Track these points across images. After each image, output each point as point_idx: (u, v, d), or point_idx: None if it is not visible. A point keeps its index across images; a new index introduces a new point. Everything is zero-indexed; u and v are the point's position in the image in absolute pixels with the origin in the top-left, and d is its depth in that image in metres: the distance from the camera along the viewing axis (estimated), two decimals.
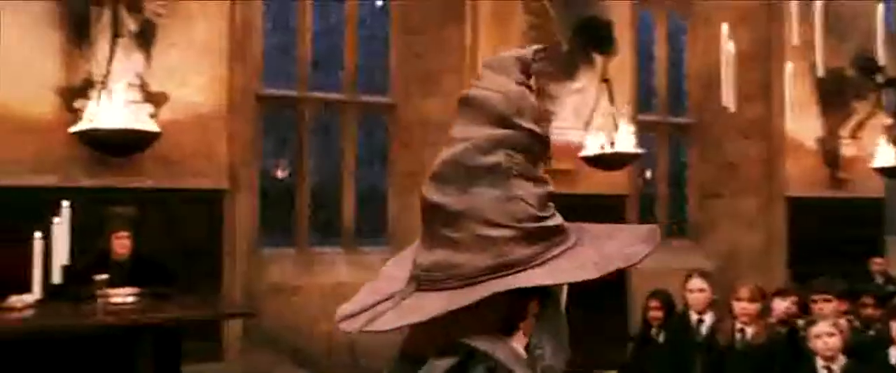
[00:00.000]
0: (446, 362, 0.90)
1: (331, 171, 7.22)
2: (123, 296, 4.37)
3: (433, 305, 0.92)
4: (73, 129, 4.94)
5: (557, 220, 0.99)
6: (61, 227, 4.11)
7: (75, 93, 5.21)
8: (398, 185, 7.16)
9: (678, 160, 8.89)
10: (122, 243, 4.55)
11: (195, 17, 5.77)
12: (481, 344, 0.90)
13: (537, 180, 0.97)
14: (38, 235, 4.03)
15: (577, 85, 7.00)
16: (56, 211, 4.18)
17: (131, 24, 5.30)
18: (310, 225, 7.00)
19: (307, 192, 6.97)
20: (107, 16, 5.20)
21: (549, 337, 0.95)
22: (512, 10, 7.05)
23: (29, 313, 4.11)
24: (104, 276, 4.21)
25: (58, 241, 4.05)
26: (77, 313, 4.15)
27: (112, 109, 4.84)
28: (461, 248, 0.93)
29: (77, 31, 5.27)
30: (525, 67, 1.02)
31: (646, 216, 8.18)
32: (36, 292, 4.04)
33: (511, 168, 0.95)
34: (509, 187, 0.95)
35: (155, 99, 5.50)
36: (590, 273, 0.95)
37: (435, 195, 0.95)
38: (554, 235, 0.97)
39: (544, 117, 1.03)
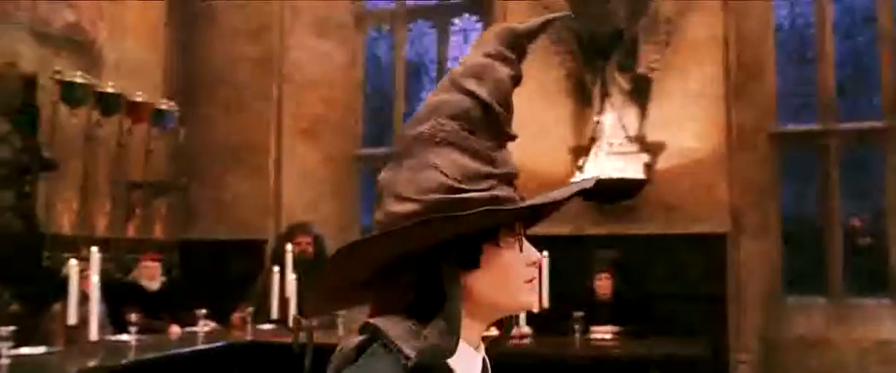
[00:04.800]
0: (356, 340, 0.93)
1: (872, 210, 6.31)
2: (603, 333, 4.74)
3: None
4: (571, 181, 5.60)
5: (484, 193, 0.88)
6: (543, 265, 4.75)
7: (581, 151, 5.90)
8: None
9: None
10: (603, 284, 4.94)
11: (689, 67, 5.91)
12: (381, 323, 0.91)
13: (473, 152, 0.90)
14: None
15: None
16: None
17: (624, 83, 5.76)
18: (845, 273, 6.21)
19: (839, 235, 6.22)
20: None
21: (445, 317, 0.87)
22: None
23: (526, 341, 4.82)
24: (580, 313, 4.65)
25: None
26: (563, 345, 4.67)
27: (602, 162, 5.34)
28: (378, 227, 0.92)
29: (582, 97, 5.99)
30: (507, 41, 0.98)
31: None
32: (523, 324, 4.73)
33: (434, 136, 0.90)
34: (427, 156, 0.89)
35: (652, 148, 5.82)
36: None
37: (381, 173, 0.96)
38: (472, 208, 0.86)
39: (504, 89, 0.95)
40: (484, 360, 0.97)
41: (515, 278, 0.93)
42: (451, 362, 0.88)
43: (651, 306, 5.03)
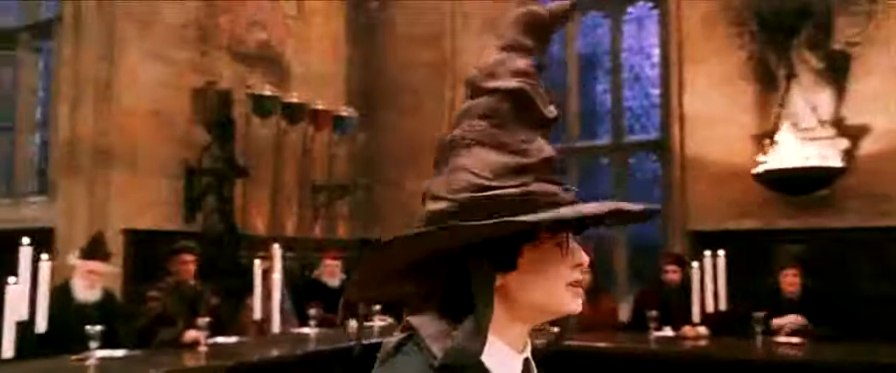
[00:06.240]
0: (396, 338, 0.94)
1: None
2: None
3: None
4: (753, 171, 5.17)
5: (516, 189, 0.88)
6: (719, 262, 4.43)
7: (765, 138, 5.43)
8: None
9: None
10: (790, 281, 4.50)
11: (893, 38, 5.24)
12: (417, 322, 0.91)
13: (503, 147, 0.90)
14: (696, 264, 4.47)
15: None
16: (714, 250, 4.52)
17: (815, 62, 5.23)
18: None
19: None
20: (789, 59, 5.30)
21: (474, 318, 0.87)
22: None
23: (702, 343, 4.52)
24: (763, 313, 4.28)
25: (709, 279, 4.37)
26: (742, 348, 4.32)
27: (787, 150, 4.89)
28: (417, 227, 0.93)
29: (766, 80, 5.51)
30: (524, 27, 0.96)
31: None
32: (697, 323, 4.44)
33: (464, 138, 0.92)
34: (458, 158, 0.91)
35: (852, 132, 5.23)
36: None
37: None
38: (505, 205, 0.86)
39: (528, 73, 0.93)
40: (528, 361, 0.94)
41: (555, 281, 0.91)
42: (488, 362, 0.87)
43: (847, 307, 4.50)
